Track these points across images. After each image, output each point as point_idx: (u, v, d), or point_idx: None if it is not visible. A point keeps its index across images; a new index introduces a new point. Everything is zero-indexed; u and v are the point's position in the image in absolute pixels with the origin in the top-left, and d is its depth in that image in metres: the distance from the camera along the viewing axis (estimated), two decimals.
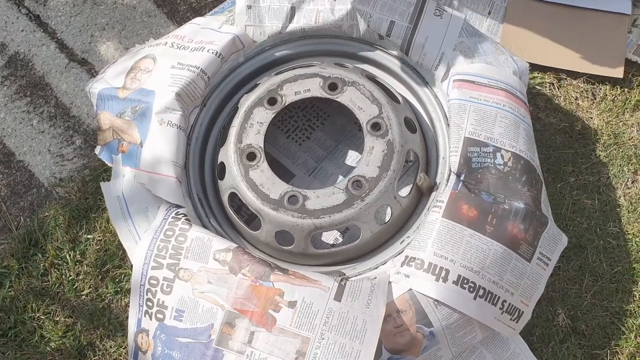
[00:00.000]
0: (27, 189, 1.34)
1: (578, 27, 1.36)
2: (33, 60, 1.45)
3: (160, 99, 1.05)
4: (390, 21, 1.09)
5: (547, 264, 1.00)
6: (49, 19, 1.48)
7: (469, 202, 0.97)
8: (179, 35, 1.13)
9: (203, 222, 1.05)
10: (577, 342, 1.15)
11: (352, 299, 0.90)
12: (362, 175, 1.01)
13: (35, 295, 1.22)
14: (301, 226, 1.00)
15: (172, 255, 0.95)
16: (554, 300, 1.17)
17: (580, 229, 1.22)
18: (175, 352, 0.92)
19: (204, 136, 1.13)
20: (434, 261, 0.94)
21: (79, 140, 1.36)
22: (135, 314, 0.98)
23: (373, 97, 1.06)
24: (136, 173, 1.03)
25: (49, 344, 1.19)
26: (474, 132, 1.01)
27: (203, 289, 0.92)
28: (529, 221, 0.98)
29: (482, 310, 0.95)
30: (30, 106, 1.40)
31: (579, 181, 1.26)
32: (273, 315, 0.90)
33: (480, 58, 1.08)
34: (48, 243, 1.26)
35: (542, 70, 1.35)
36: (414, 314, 0.93)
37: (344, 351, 0.87)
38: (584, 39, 1.35)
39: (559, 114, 1.32)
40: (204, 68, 1.08)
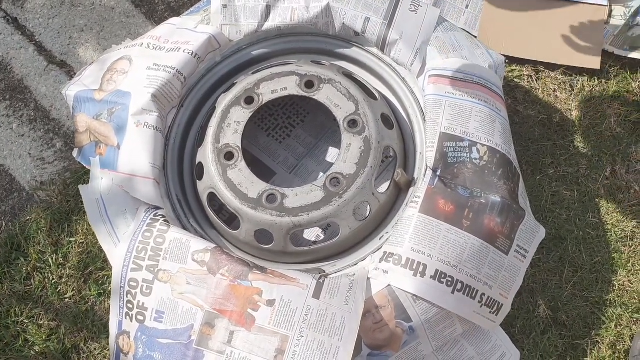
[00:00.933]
0: (8, 193, 1.33)
1: (555, 19, 1.37)
2: (12, 63, 1.44)
3: (137, 100, 1.04)
4: (365, 18, 1.09)
5: (525, 256, 1.01)
6: (27, 22, 1.47)
7: (446, 197, 0.97)
8: (155, 36, 1.13)
9: (182, 223, 1.05)
10: (558, 333, 1.16)
11: (330, 296, 0.91)
12: (340, 173, 1.01)
13: (18, 299, 1.22)
14: (280, 224, 1.00)
15: (151, 257, 0.96)
16: (535, 291, 1.18)
17: (559, 221, 1.23)
18: (156, 353, 0.92)
19: (182, 137, 1.13)
20: (412, 256, 0.94)
21: (59, 143, 1.36)
22: (116, 316, 0.98)
23: (350, 94, 1.06)
24: (114, 175, 1.03)
25: (34, 347, 1.19)
26: (450, 127, 1.02)
27: (182, 290, 0.93)
28: (506, 214, 0.98)
29: (460, 304, 0.95)
30: (10, 110, 1.40)
31: (558, 173, 1.27)
32: (252, 315, 0.90)
33: (456, 53, 1.08)
34: (30, 247, 1.26)
35: (520, 63, 1.36)
36: (393, 309, 0.94)
37: (322, 348, 0.87)
38: (561, 31, 1.36)
39: (538, 106, 1.32)
40: (180, 69, 1.08)
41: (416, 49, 1.08)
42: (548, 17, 1.37)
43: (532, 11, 1.37)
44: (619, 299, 1.17)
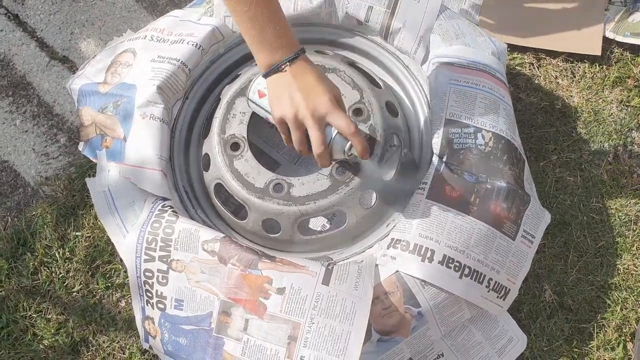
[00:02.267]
0: (13, 189, 1.33)
1: (555, 7, 1.37)
2: (13, 59, 1.44)
3: (142, 92, 1.05)
4: (368, 6, 1.10)
5: (532, 241, 1.02)
6: (27, 18, 1.47)
7: (452, 183, 0.98)
8: (158, 28, 1.13)
9: (190, 214, 1.06)
10: (565, 317, 1.17)
11: (340, 282, 0.91)
12: (346, 161, 1.02)
13: (26, 294, 1.22)
14: (287, 213, 1.01)
15: (162, 248, 0.96)
16: (540, 276, 1.19)
17: (563, 206, 1.24)
18: (182, 338, 0.94)
19: (187, 128, 1.14)
20: (419, 242, 0.95)
21: (63, 138, 1.36)
22: (138, 302, 0.99)
23: (354, 83, 1.06)
24: (121, 168, 1.04)
25: (42, 341, 1.19)
26: (455, 113, 1.02)
27: (198, 279, 0.93)
28: (512, 200, 0.99)
29: (468, 289, 0.96)
30: (13, 106, 1.40)
31: (561, 159, 1.28)
32: (263, 303, 0.91)
33: (459, 40, 1.09)
34: (37, 242, 1.26)
35: (521, 51, 1.36)
36: (401, 295, 0.95)
37: (334, 334, 0.88)
38: (561, 17, 1.36)
39: (540, 93, 1.33)
40: (184, 60, 1.08)
41: (419, 37, 1.09)
42: (548, 5, 1.37)
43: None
44: (624, 282, 1.18)
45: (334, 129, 0.84)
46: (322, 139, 0.83)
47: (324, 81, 0.83)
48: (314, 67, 0.84)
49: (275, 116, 0.85)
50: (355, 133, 0.83)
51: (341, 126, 0.83)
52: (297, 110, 0.82)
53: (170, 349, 0.96)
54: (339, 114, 0.82)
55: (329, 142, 0.85)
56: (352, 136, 0.83)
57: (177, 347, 0.95)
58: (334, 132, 0.85)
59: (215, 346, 0.91)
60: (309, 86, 0.82)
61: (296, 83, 0.81)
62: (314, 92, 0.81)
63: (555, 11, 1.36)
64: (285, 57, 0.82)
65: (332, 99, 0.82)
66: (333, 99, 0.83)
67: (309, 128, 0.82)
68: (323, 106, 0.81)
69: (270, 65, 0.83)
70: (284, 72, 0.82)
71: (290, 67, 0.82)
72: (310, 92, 0.81)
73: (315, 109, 0.81)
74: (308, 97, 0.81)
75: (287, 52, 0.82)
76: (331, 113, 0.82)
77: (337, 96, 0.85)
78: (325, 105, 0.81)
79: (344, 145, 0.86)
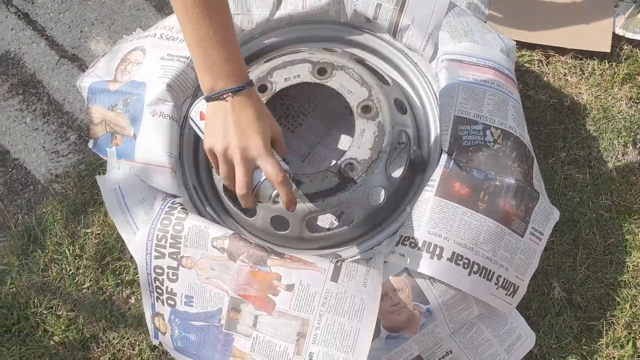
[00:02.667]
0: (24, 186, 1.35)
1: (564, 4, 1.37)
2: (24, 58, 1.45)
3: (152, 90, 1.05)
4: (376, 4, 1.10)
5: (540, 238, 1.01)
6: (37, 17, 1.48)
7: (461, 180, 0.98)
8: (168, 26, 1.13)
9: (199, 211, 1.06)
10: (573, 314, 1.16)
11: (348, 279, 0.92)
12: (354, 158, 1.02)
13: (36, 290, 1.23)
14: (295, 211, 1.01)
15: (172, 245, 0.97)
16: (549, 274, 1.19)
17: (572, 203, 1.24)
18: (192, 334, 0.95)
19: None
20: (428, 239, 0.95)
21: (73, 136, 1.37)
22: (148, 299, 1.00)
23: (362, 80, 1.07)
24: (131, 165, 1.04)
25: (53, 338, 1.20)
26: (463, 110, 1.02)
27: (208, 275, 0.94)
28: (520, 197, 0.99)
29: (477, 286, 0.96)
30: (23, 104, 1.41)
31: (570, 156, 1.27)
32: (272, 299, 0.91)
33: (468, 37, 1.09)
34: (47, 239, 1.27)
35: (530, 48, 1.36)
36: (410, 292, 0.95)
37: (343, 330, 0.88)
38: (570, 14, 1.36)
39: (548, 90, 1.33)
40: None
41: (428, 34, 1.09)
42: (557, 2, 1.37)
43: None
44: (634, 279, 1.18)
45: (263, 174, 0.82)
46: (246, 181, 0.80)
47: (263, 121, 0.80)
48: (257, 104, 0.80)
49: (206, 145, 0.81)
50: (282, 182, 0.80)
51: (269, 173, 0.80)
52: (228, 146, 0.78)
53: (180, 345, 0.96)
54: (269, 159, 0.79)
55: (255, 185, 0.82)
56: (280, 186, 0.81)
57: (187, 343, 0.95)
58: (263, 176, 0.82)
59: (225, 342, 0.92)
60: (246, 123, 0.78)
61: (234, 116, 0.78)
62: (250, 131, 0.78)
63: (564, 8, 1.36)
64: (229, 86, 0.78)
65: (267, 142, 0.79)
66: (267, 142, 0.80)
67: (236, 167, 0.79)
68: (255, 148, 0.78)
69: (212, 90, 0.79)
70: (225, 102, 0.78)
71: (232, 98, 0.78)
72: (245, 130, 0.78)
73: (246, 149, 0.78)
74: (242, 135, 0.78)
75: (233, 81, 0.78)
76: (262, 157, 0.79)
77: (276, 137, 0.82)
78: (258, 148, 0.78)
79: (270, 191, 0.84)
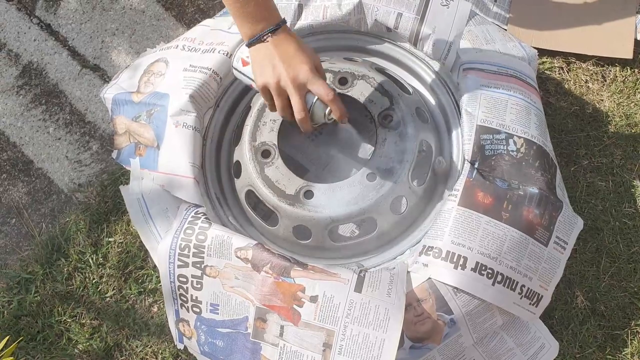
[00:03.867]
0: (47, 196, 1.36)
1: (585, 10, 1.36)
2: (46, 68, 1.47)
3: (175, 101, 1.06)
4: (397, 13, 1.10)
5: (565, 247, 1.01)
6: (59, 27, 1.50)
7: (484, 190, 0.98)
8: (190, 37, 1.15)
9: (222, 220, 1.07)
10: (597, 323, 1.15)
11: (372, 289, 0.92)
12: (376, 167, 1.02)
13: (60, 299, 1.25)
14: (317, 220, 1.02)
15: (195, 254, 0.97)
16: (572, 282, 1.18)
17: (595, 211, 1.23)
18: (219, 340, 0.96)
19: (218, 136, 1.15)
20: (452, 249, 0.95)
21: (95, 145, 1.39)
22: (171, 306, 1.01)
23: (384, 90, 1.07)
24: (154, 175, 1.05)
25: (77, 346, 1.21)
26: (486, 119, 1.02)
27: (232, 284, 0.95)
28: (544, 206, 0.98)
29: (501, 296, 0.96)
30: (46, 114, 1.43)
31: (592, 164, 1.27)
32: (298, 311, 0.91)
33: (489, 46, 1.09)
34: (70, 248, 1.28)
35: (550, 55, 1.35)
36: (434, 302, 0.95)
37: (367, 341, 0.88)
38: (591, 21, 1.35)
39: (570, 97, 1.32)
40: (215, 69, 1.09)
41: (449, 42, 1.09)
42: (578, 8, 1.36)
43: (562, 2, 1.37)
44: None
45: (314, 95, 0.89)
46: (302, 105, 0.88)
47: (304, 51, 0.88)
48: (294, 38, 0.88)
49: (259, 84, 0.90)
50: (333, 99, 0.88)
51: (320, 93, 0.88)
52: (280, 79, 0.87)
53: (207, 350, 0.97)
54: (318, 81, 0.87)
55: (309, 108, 0.90)
56: (331, 102, 0.88)
57: (214, 348, 0.96)
58: (315, 98, 0.90)
59: (253, 350, 0.93)
60: (290, 56, 0.86)
61: (278, 53, 0.86)
62: (295, 61, 0.86)
63: (585, 14, 1.35)
64: (267, 28, 0.86)
65: (312, 67, 0.87)
66: (313, 67, 0.88)
67: (290, 95, 0.87)
68: (303, 74, 0.86)
69: (252, 36, 0.87)
70: (266, 43, 0.87)
71: (272, 38, 0.86)
72: (291, 62, 0.86)
73: (296, 77, 0.86)
74: (289, 66, 0.86)
75: (269, 23, 0.86)
76: (311, 81, 0.87)
77: (317, 65, 0.90)
78: (306, 74, 0.86)
79: (323, 110, 0.91)
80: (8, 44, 1.49)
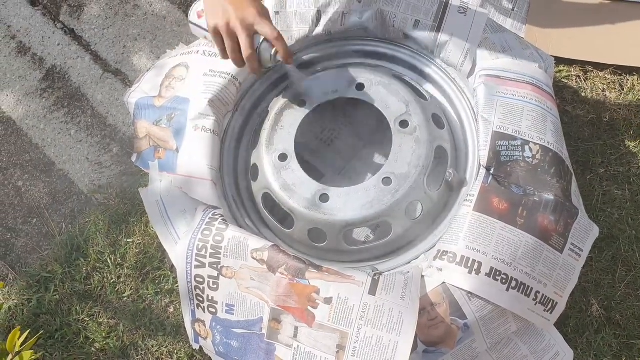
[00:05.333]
0: (68, 197, 1.39)
1: (603, 19, 1.36)
2: (69, 72, 1.50)
3: (195, 105, 1.08)
4: (415, 20, 1.11)
5: (580, 254, 1.01)
6: (83, 32, 1.53)
7: (500, 195, 0.98)
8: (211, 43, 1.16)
9: (239, 222, 1.09)
10: (613, 332, 1.15)
11: (386, 293, 0.92)
12: (392, 172, 1.03)
13: (79, 298, 1.27)
14: (333, 223, 1.03)
15: (212, 255, 0.99)
16: (587, 290, 1.18)
17: (611, 220, 1.22)
18: (234, 341, 0.97)
19: (236, 139, 1.17)
20: (467, 254, 0.95)
21: (115, 148, 1.41)
22: (187, 306, 1.02)
23: (400, 95, 1.08)
24: (173, 178, 1.07)
25: (94, 344, 1.23)
26: (502, 126, 1.02)
27: (248, 285, 0.96)
28: (559, 213, 0.98)
29: (515, 302, 0.96)
30: (68, 117, 1.46)
31: (608, 172, 1.26)
32: (312, 312, 0.92)
33: (506, 53, 1.09)
34: (89, 248, 1.31)
35: (568, 64, 1.36)
36: (447, 306, 0.95)
37: (381, 344, 0.89)
38: (609, 30, 1.35)
39: (587, 106, 1.32)
40: (235, 74, 1.11)
41: (466, 50, 1.09)
42: (595, 17, 1.36)
43: (579, 11, 1.37)
44: None
45: (262, 37, 0.96)
46: (250, 43, 0.94)
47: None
48: None
49: (210, 25, 0.95)
50: (278, 38, 0.95)
51: (267, 32, 0.94)
52: (229, 20, 0.93)
53: (222, 350, 0.98)
54: (264, 21, 0.94)
55: (256, 48, 0.96)
56: (276, 41, 0.95)
57: (229, 349, 0.97)
58: (261, 39, 0.96)
59: (267, 351, 0.93)
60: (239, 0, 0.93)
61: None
62: (244, 5, 0.93)
63: (603, 24, 1.35)
64: None
65: (260, 11, 0.94)
66: (261, 11, 0.95)
67: (239, 35, 0.94)
68: (251, 16, 0.93)
69: None
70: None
71: None
72: (239, 5, 0.93)
73: (245, 18, 0.93)
74: (238, 8, 0.93)
75: None
76: (258, 22, 0.94)
77: (265, 10, 0.97)
78: (253, 15, 0.93)
79: (269, 51, 0.97)
80: (33, 48, 1.53)
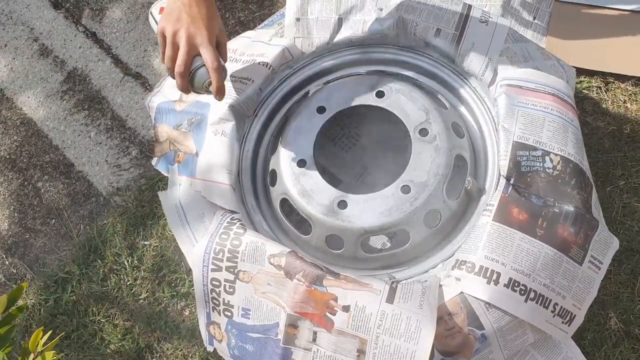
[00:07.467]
0: (87, 198, 1.40)
1: (624, 31, 1.35)
2: (90, 75, 1.52)
3: (215, 110, 1.09)
4: (436, 29, 1.11)
5: (599, 267, 1.00)
6: (104, 36, 1.55)
7: (519, 206, 0.97)
8: (232, 48, 1.17)
9: (256, 227, 1.09)
10: (631, 347, 1.14)
11: (404, 301, 0.92)
12: (411, 180, 1.03)
13: (95, 299, 1.28)
14: (351, 230, 1.03)
15: (229, 259, 0.99)
16: (606, 304, 1.16)
17: (631, 233, 1.21)
18: (249, 345, 0.97)
19: (255, 145, 1.17)
20: (485, 264, 0.95)
21: (134, 151, 1.42)
22: (203, 308, 1.02)
23: (420, 103, 1.08)
24: (192, 181, 1.08)
25: (109, 346, 1.24)
26: (523, 136, 1.02)
27: (264, 290, 0.96)
28: (579, 224, 0.98)
29: (533, 313, 0.95)
30: (88, 119, 1.47)
31: (628, 184, 1.25)
32: (331, 318, 0.92)
33: (527, 63, 1.09)
34: (107, 249, 1.31)
35: (588, 74, 1.35)
36: (465, 316, 0.94)
37: (399, 352, 0.89)
38: (630, 41, 1.34)
39: (607, 117, 1.31)
40: (255, 79, 1.12)
41: (487, 59, 1.09)
42: (617, 28, 1.36)
43: (600, 22, 1.36)
44: None
45: (202, 61, 0.92)
46: (185, 61, 0.91)
47: (214, 20, 0.93)
48: (211, 6, 0.92)
49: (160, 26, 0.92)
50: (217, 70, 0.91)
51: (207, 59, 0.91)
52: (178, 30, 0.90)
53: (237, 353, 0.98)
54: (210, 48, 0.91)
55: (192, 70, 0.93)
56: (213, 71, 0.92)
57: (244, 352, 0.98)
58: (201, 63, 0.92)
59: (283, 356, 0.93)
60: (198, 17, 0.90)
61: (189, 9, 0.90)
62: (200, 23, 0.90)
63: (624, 35, 1.34)
64: None
65: (212, 37, 0.92)
66: (212, 37, 0.92)
67: (180, 48, 0.91)
68: (201, 37, 0.91)
69: None
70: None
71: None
72: (197, 22, 0.90)
73: (193, 36, 0.90)
74: (192, 24, 0.90)
75: None
76: (205, 45, 0.91)
77: (220, 40, 0.95)
78: (203, 38, 0.91)
79: (204, 78, 0.93)
80: (55, 50, 1.54)
